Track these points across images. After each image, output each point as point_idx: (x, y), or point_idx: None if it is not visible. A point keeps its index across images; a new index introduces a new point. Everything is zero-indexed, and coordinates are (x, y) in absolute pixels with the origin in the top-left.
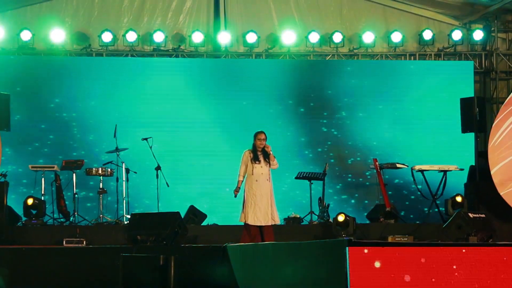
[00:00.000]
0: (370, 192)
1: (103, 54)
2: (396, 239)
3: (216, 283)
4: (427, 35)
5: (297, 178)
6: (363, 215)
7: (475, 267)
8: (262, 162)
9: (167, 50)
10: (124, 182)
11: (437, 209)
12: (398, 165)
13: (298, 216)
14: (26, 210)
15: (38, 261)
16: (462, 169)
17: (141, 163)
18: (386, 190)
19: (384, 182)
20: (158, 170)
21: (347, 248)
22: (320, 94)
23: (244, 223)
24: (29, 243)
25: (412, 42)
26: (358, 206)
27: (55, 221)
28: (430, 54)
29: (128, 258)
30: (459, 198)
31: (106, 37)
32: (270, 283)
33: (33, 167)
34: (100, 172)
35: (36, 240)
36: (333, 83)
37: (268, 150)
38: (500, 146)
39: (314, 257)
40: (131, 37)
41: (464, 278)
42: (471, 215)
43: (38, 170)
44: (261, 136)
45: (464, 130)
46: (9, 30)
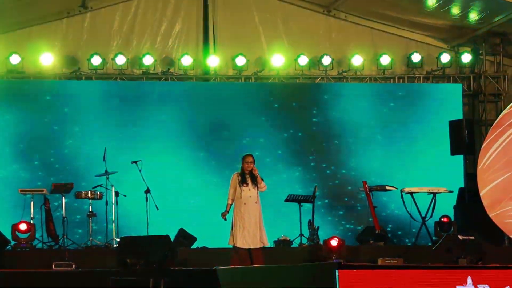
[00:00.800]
0: (360, 214)
1: (93, 77)
2: (386, 262)
3: None
4: (416, 58)
5: (286, 200)
6: (353, 238)
7: None
8: (250, 185)
9: (156, 74)
10: (113, 206)
11: (426, 231)
12: (388, 187)
13: (288, 238)
14: (15, 234)
15: (27, 285)
16: (451, 191)
17: (130, 186)
18: (375, 212)
19: (373, 204)
20: (148, 194)
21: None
22: (309, 116)
23: (233, 246)
24: (18, 267)
25: (400, 65)
26: (348, 229)
27: (44, 244)
28: (419, 77)
29: (117, 281)
30: (446, 220)
31: (95, 60)
32: None
33: (22, 191)
34: (89, 195)
35: (25, 264)
36: (322, 106)
37: (255, 173)
38: (489, 168)
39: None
40: (120, 60)
41: None
42: (461, 238)
43: (27, 193)
44: (248, 159)
45: (453, 152)
46: None
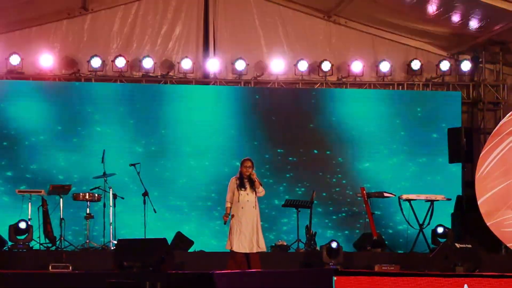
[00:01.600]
0: (357, 220)
1: (92, 79)
2: (383, 268)
3: None
4: (416, 65)
5: (284, 205)
6: (350, 244)
7: None
8: (248, 189)
9: (156, 77)
10: (111, 208)
11: (424, 238)
12: (386, 194)
13: (285, 243)
14: (12, 235)
15: (23, 286)
16: (449, 199)
17: (128, 189)
18: (373, 219)
19: (371, 211)
20: (146, 196)
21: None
22: (307, 122)
23: (230, 250)
24: (15, 268)
25: (400, 72)
26: (345, 235)
27: (42, 246)
28: (418, 84)
29: (114, 284)
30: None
31: (95, 62)
32: None
33: (19, 191)
34: (87, 197)
35: (22, 265)
36: (321, 112)
37: (253, 177)
38: (487, 176)
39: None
40: (120, 63)
41: None
42: (458, 245)
43: (24, 194)
44: (247, 163)
45: (451, 160)
46: None
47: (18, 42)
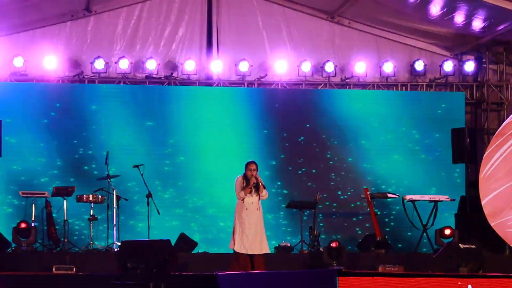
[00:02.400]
0: (361, 221)
1: (96, 81)
2: (386, 269)
3: None
4: (419, 66)
5: (288, 206)
6: (354, 245)
7: None
8: (253, 191)
9: (159, 78)
10: (114, 209)
11: (427, 239)
12: (389, 194)
13: (289, 245)
14: (16, 237)
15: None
16: (453, 199)
17: (132, 190)
18: (377, 219)
19: (374, 211)
20: (149, 198)
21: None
22: (311, 122)
23: (233, 252)
24: (18, 270)
25: (404, 73)
26: (349, 236)
27: (45, 247)
28: (422, 85)
29: (118, 285)
30: (449, 230)
31: (99, 64)
32: None
33: (23, 193)
34: (91, 199)
35: (25, 266)
36: (324, 113)
37: (257, 181)
38: (491, 177)
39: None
40: (124, 64)
41: None
42: (462, 246)
43: (28, 196)
44: (251, 166)
45: (455, 160)
46: (1, 56)
47: (21, 44)
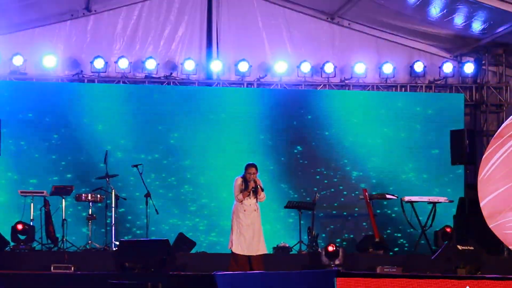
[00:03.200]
0: (359, 222)
1: (95, 80)
2: (385, 270)
3: None
4: (419, 67)
5: (286, 207)
6: (352, 246)
7: None
8: (251, 193)
9: (159, 78)
10: (113, 209)
11: (425, 240)
12: (388, 196)
13: (287, 245)
14: (14, 235)
15: (25, 286)
16: (451, 201)
17: (131, 190)
18: (375, 220)
19: (373, 212)
20: (148, 197)
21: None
22: (310, 123)
23: (231, 252)
24: (16, 269)
25: (403, 74)
26: (347, 236)
27: (44, 246)
28: (421, 86)
29: (115, 285)
30: (448, 230)
31: (98, 63)
32: None
33: (22, 192)
34: (89, 198)
35: (24, 265)
36: (324, 114)
37: (256, 184)
38: (489, 178)
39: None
40: (123, 64)
41: None
42: (460, 247)
43: (27, 195)
44: (251, 170)
45: (454, 162)
46: (1, 55)
47: (21, 43)
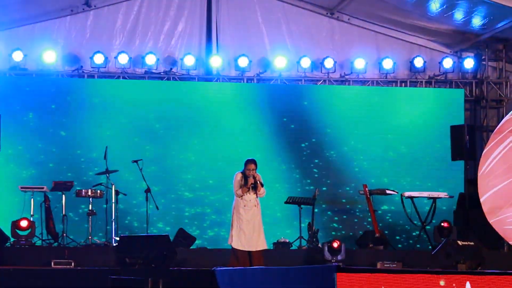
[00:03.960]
0: (360, 218)
1: (95, 76)
2: (385, 266)
3: None
4: (418, 63)
5: (286, 202)
6: (353, 241)
7: None
8: (250, 189)
9: (159, 73)
10: (113, 204)
11: (426, 236)
12: (388, 191)
13: (287, 240)
14: (15, 231)
15: (26, 282)
16: (451, 196)
17: (131, 185)
18: (375, 216)
19: (373, 208)
20: (148, 193)
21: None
22: (310, 119)
23: (231, 248)
24: (17, 264)
25: (403, 69)
26: (347, 232)
27: (44, 242)
28: (421, 82)
29: (116, 280)
30: (445, 225)
31: (98, 59)
32: None
33: (22, 188)
34: (89, 193)
35: (24, 261)
36: (323, 109)
37: (255, 180)
38: (489, 174)
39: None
40: (123, 59)
41: None
42: (460, 243)
43: (27, 190)
44: (250, 166)
45: (454, 157)
46: (1, 50)
47: (21, 38)
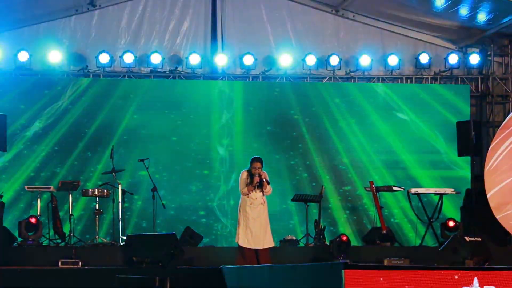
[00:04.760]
0: (366, 214)
1: (100, 75)
2: (392, 262)
3: None
4: (424, 59)
5: (293, 200)
6: (359, 238)
7: None
8: (256, 187)
9: (164, 72)
10: (120, 203)
11: (433, 232)
12: (395, 188)
13: (294, 238)
14: (22, 231)
15: (33, 282)
16: (458, 192)
17: (137, 184)
18: (382, 212)
19: (380, 204)
20: (155, 192)
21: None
22: (316, 116)
23: (238, 246)
24: (24, 264)
25: (408, 66)
26: (354, 229)
27: (51, 242)
28: (427, 78)
29: (123, 279)
30: (450, 223)
31: (103, 58)
32: None
33: (29, 188)
34: (96, 193)
35: (31, 261)
36: (329, 106)
37: (261, 178)
38: (496, 169)
39: (310, 280)
40: (128, 58)
41: None
42: (467, 239)
43: (34, 190)
44: (256, 164)
45: (460, 153)
46: (6, 51)
47: (26, 38)
